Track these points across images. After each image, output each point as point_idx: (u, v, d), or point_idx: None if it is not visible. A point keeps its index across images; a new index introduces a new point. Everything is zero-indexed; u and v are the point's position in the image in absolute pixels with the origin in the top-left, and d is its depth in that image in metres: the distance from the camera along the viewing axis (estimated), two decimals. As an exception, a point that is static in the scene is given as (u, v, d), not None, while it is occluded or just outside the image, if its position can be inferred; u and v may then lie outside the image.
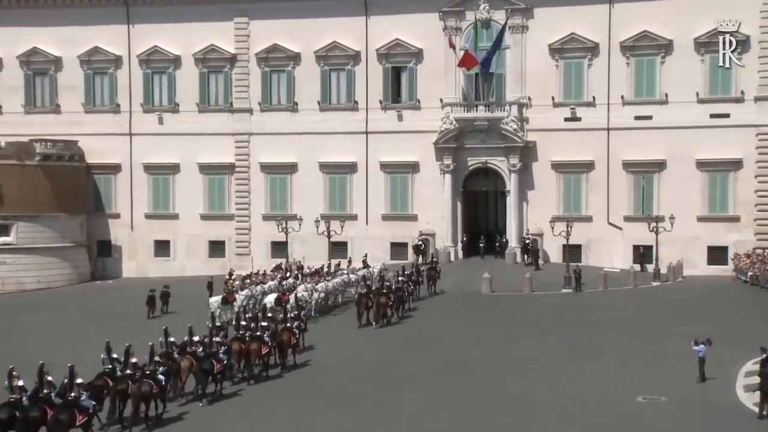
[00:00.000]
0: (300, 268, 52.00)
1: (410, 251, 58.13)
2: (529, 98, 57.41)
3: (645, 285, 51.03)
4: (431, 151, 58.31)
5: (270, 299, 41.30)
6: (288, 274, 48.76)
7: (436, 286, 49.53)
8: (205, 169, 61.43)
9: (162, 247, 62.29)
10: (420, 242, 56.31)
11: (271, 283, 45.35)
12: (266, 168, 60.79)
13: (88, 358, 29.35)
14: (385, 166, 59.34)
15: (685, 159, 55.09)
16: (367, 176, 59.47)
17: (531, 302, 46.86)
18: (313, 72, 59.79)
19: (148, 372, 26.08)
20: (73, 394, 23.62)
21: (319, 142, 59.41)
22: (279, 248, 58.01)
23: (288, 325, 33.31)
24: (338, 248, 56.98)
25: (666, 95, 55.53)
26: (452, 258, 57.04)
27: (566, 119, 56.95)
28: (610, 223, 56.84)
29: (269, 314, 33.39)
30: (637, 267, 54.08)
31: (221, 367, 28.71)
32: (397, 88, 59.31)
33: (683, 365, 30.39)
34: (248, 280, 45.91)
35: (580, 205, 57.13)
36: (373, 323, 39.77)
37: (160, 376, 26.32)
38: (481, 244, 58.92)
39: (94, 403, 24.14)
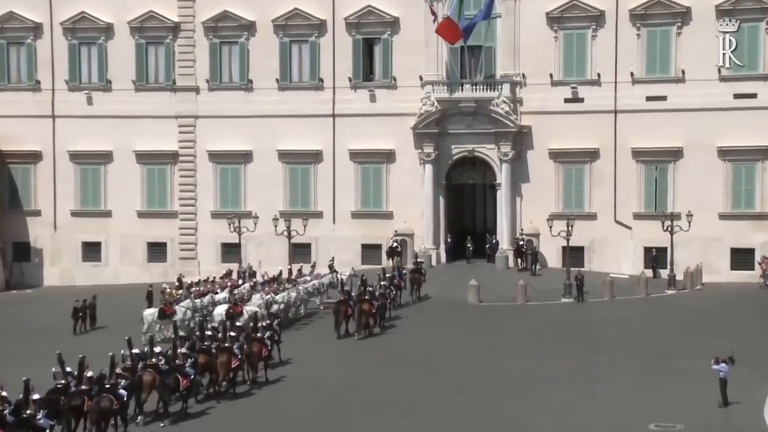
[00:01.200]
0: (252, 274, 51.86)
1: (383, 254, 58.17)
2: (524, 76, 57.44)
3: (658, 294, 51.25)
4: (409, 137, 58.26)
5: (220, 312, 41.00)
6: (241, 281, 48.62)
7: (421, 290, 50.20)
8: (143, 158, 61.06)
9: (91, 251, 61.88)
10: (396, 243, 56.11)
11: (220, 294, 45.01)
12: (215, 157, 60.53)
13: (8, 382, 28.83)
14: (356, 155, 59.20)
15: (704, 147, 55.33)
16: (335, 167, 59.32)
17: (525, 314, 46.88)
18: (271, 44, 59.54)
19: (108, 386, 26.45)
20: (28, 411, 23.88)
21: (277, 127, 59.16)
22: (230, 251, 57.84)
23: (259, 335, 33.80)
24: (300, 251, 56.89)
25: (683, 72, 55.73)
26: (434, 262, 57.03)
27: (566, 100, 57.05)
28: (617, 222, 56.97)
29: (209, 332, 33.35)
30: (649, 273, 54.30)
31: (188, 383, 29.14)
32: (370, 63, 59.17)
33: (702, 387, 30.45)
34: (193, 289, 45.66)
35: (582, 201, 57.23)
36: (355, 334, 40.77)
37: (122, 391, 26.76)
38: (468, 246, 58.97)
39: (52, 422, 24.54)
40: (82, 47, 61.19)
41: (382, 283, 45.19)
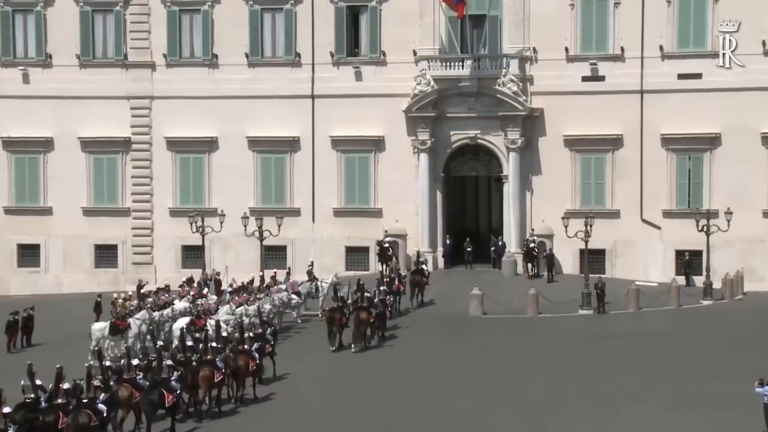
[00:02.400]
0: (218, 283, 51.66)
1: (372, 258, 58.18)
2: (534, 50, 57.53)
3: (692, 304, 51.30)
4: (401, 122, 58.24)
5: (180, 326, 40.92)
6: (206, 290, 48.62)
7: (424, 295, 50.80)
8: (90, 146, 60.93)
9: (29, 254, 61.77)
10: (387, 244, 56.16)
11: (180, 304, 44.86)
12: (175, 145, 60.47)
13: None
14: (339, 143, 59.15)
15: (746, 132, 55.46)
16: (314, 157, 59.32)
17: (537, 328, 46.88)
18: (239, 13, 59.50)
19: (85, 401, 27.06)
20: None
21: (247, 110, 59.14)
22: (192, 255, 57.95)
23: (245, 347, 34.64)
24: (274, 255, 56.85)
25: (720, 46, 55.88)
26: (430, 268, 56.70)
27: (584, 79, 57.13)
28: (644, 221, 57.02)
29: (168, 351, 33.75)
30: (681, 280, 54.43)
31: (174, 399, 29.97)
32: (355, 35, 59.19)
33: (744, 413, 30.48)
34: (149, 300, 45.66)
35: (603, 196, 57.27)
36: (352, 346, 41.71)
37: (101, 406, 27.45)
38: (468, 249, 58.96)
39: None
40: (16, 15, 61.00)
41: (381, 288, 46.03)
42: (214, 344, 33.84)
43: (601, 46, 56.92)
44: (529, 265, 56.48)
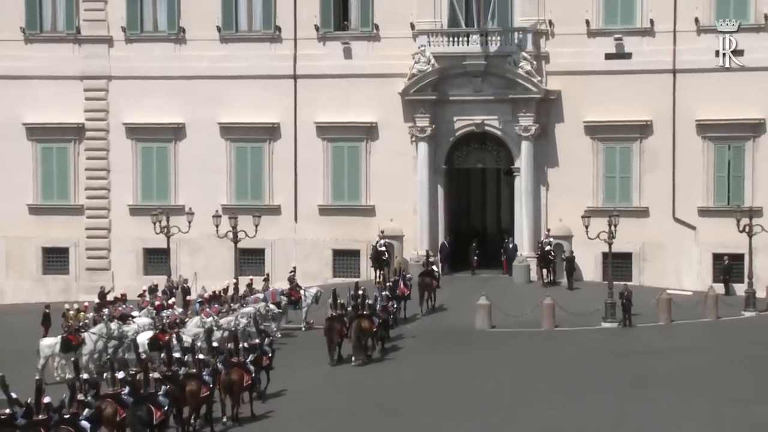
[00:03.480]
0: (185, 291, 51.58)
1: (364, 263, 58.40)
2: (551, 24, 57.67)
3: (732, 316, 51.28)
4: (397, 106, 58.35)
5: (141, 341, 40.95)
6: (172, 300, 48.60)
7: (436, 299, 51.77)
8: (37, 133, 60.97)
9: (-33, 259, 61.71)
10: (382, 247, 56.18)
11: (140, 318, 44.71)
12: (135, 132, 60.56)
13: None
14: (325, 131, 59.22)
15: (794, 118, 55.90)
16: (296, 146, 59.44)
17: (553, 343, 46.90)
18: (210, -20, 59.83)
19: (67, 416, 27.77)
20: None
21: (219, 92, 59.27)
22: (156, 260, 58.20)
23: (240, 359, 35.33)
24: (251, 259, 57.10)
25: (766, 18, 55.89)
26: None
27: (608, 56, 57.25)
28: (676, 220, 57.10)
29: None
30: (720, 288, 54.46)
31: (162, 416, 30.68)
32: (344, 7, 59.29)
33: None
34: (105, 311, 45.42)
35: (629, 192, 57.40)
36: (352, 359, 42.65)
37: (84, 423, 28.13)
38: (474, 252, 59.05)
39: None
40: (-51, -18, 61.04)
41: (383, 293, 46.73)
42: (201, 356, 34.30)
43: (628, 18, 57.08)
44: (544, 271, 56.45)
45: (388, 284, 49.51)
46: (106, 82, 60.58)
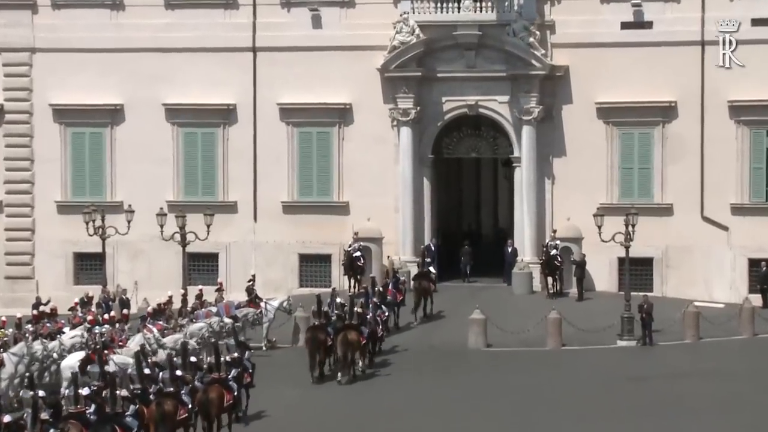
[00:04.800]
0: (124, 303, 51.37)
1: (336, 270, 58.50)
2: (557, -13, 57.98)
3: (770, 332, 51.63)
4: (375, 84, 58.51)
5: (71, 364, 40.49)
6: (110, 314, 47.84)
7: (433, 304, 52.51)
8: (-52, 116, 60.88)
9: None
10: (358, 252, 56.22)
11: (69, 335, 44.30)
12: (64, 115, 60.54)
13: None
14: (290, 113, 59.32)
15: (842, 99, 55.99)
16: (256, 132, 59.57)
17: (561, 365, 46.94)
18: (153, -66, 59.76)
19: None
20: None
21: (164, 68, 59.33)
22: (89, 266, 58.41)
23: (220, 375, 35.72)
24: (202, 266, 57.51)
25: (808, -18, 56.34)
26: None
27: (625, 25, 57.38)
28: (705, 219, 57.26)
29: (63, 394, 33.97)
30: (757, 300, 54.55)
31: None
32: (312, -35, 59.36)
33: None
34: (28, 327, 45.15)
35: (650, 186, 57.60)
36: (338, 376, 43.36)
37: None
38: (464, 257, 58.98)
39: None
40: None
41: (373, 300, 46.99)
42: (179, 372, 34.71)
43: (647, -19, 57.23)
44: (549, 280, 56.49)
45: (377, 289, 49.60)
46: (29, 56, 60.57)
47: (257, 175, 59.63)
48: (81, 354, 41.23)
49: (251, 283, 52.74)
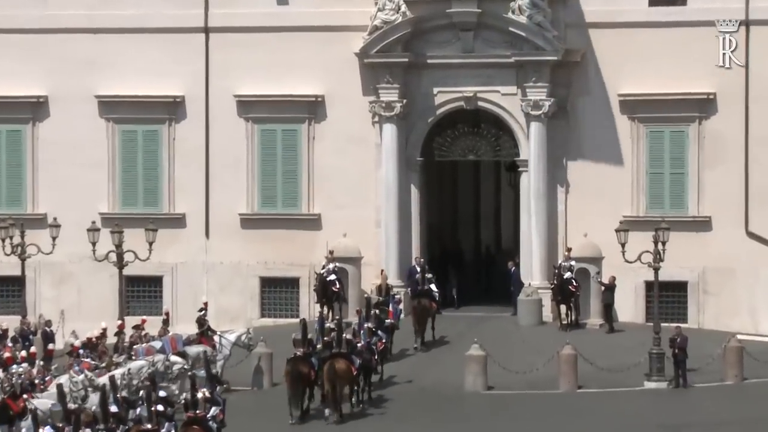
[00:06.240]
0: (47, 337, 51.29)
1: (305, 297, 58.56)
2: (571, -42, 58.26)
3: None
4: (353, 72, 58.75)
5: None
6: (30, 350, 47.84)
7: (434, 330, 53.45)
8: None
9: None
10: (333, 276, 56.03)
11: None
12: (-25, 109, 60.66)
13: None
14: (250, 107, 59.58)
15: None
16: (208, 130, 59.82)
17: (576, 411, 46.76)
18: None
19: None
20: None
21: (98, 53, 59.51)
22: (5, 292, 58.93)
23: (198, 413, 36.73)
24: (143, 292, 57.89)
25: None
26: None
27: (653, 1, 57.56)
28: (751, 235, 57.39)
29: None
30: (812, 332, 54.84)
31: None
32: (276, -70, 59.71)
33: None
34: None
35: (683, 195, 57.73)
36: (326, 414, 44.47)
37: None
38: (452, 281, 59.38)
39: None
40: None
41: (366, 325, 47.43)
42: (160, 407, 35.82)
43: (679, -50, 57.62)
44: (563, 308, 56.46)
45: (373, 312, 49.81)
46: (-68, 38, 60.85)
47: (210, 182, 59.82)
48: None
49: (203, 312, 52.40)
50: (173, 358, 47.83)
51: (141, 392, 43.28)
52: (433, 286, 54.25)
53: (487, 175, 63.39)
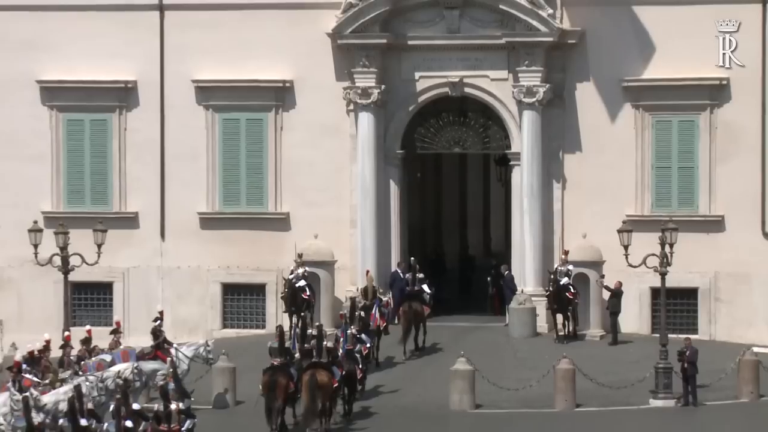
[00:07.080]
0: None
1: (272, 305, 58.73)
2: (568, -75, 58.33)
3: None
4: (325, 55, 58.86)
5: None
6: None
7: (425, 335, 53.73)
8: None
9: None
10: (302, 282, 55.90)
11: None
12: None
13: None
14: (209, 93, 59.72)
15: None
16: (163, 119, 59.91)
17: (574, 431, 47.10)
18: None
19: None
20: None
21: (39, 34, 59.53)
22: None
23: (174, 427, 37.71)
24: (91, 300, 58.20)
25: None
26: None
27: (659, -24, 57.86)
28: (767, 236, 57.33)
29: None
30: (837, 345, 54.98)
31: None
32: None
33: None
34: None
35: (693, 192, 57.85)
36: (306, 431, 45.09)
37: None
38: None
39: None
40: None
41: (351, 330, 47.50)
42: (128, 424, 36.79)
43: None
44: (560, 317, 56.53)
45: (358, 314, 50.00)
46: None
47: (165, 178, 59.91)
48: None
49: (158, 323, 52.01)
50: (126, 374, 47.65)
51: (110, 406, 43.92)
52: (425, 287, 54.46)
53: (474, 170, 63.57)
